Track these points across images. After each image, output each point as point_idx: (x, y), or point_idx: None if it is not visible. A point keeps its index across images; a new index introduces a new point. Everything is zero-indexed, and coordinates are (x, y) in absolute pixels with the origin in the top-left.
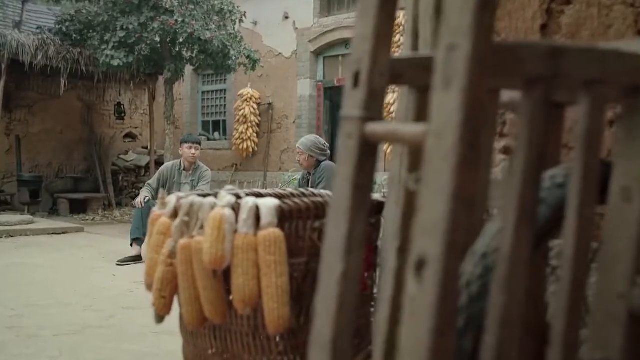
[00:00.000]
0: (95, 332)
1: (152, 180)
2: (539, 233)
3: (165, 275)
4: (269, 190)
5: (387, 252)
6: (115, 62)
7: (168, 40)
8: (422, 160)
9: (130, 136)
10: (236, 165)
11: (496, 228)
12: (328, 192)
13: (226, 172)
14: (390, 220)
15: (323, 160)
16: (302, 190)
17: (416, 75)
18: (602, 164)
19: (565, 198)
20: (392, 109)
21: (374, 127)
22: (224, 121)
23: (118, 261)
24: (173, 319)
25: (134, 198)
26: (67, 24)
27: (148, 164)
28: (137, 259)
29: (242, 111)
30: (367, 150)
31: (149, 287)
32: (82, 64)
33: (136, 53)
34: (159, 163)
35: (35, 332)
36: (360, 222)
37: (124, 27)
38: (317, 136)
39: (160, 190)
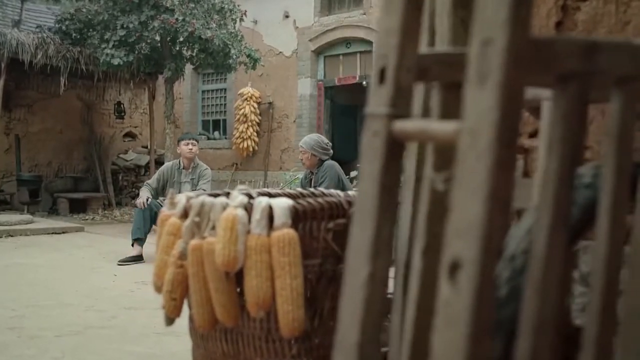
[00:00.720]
0: (97, 332)
1: (152, 180)
2: (569, 234)
3: (175, 277)
4: (280, 190)
5: (403, 253)
6: (116, 61)
7: (168, 39)
8: (453, 159)
9: (129, 135)
10: (236, 164)
11: (524, 230)
12: (337, 191)
13: (226, 172)
14: (406, 220)
15: (326, 160)
16: (313, 190)
17: (442, 71)
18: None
19: (593, 199)
20: None
21: (402, 125)
22: (224, 120)
23: (119, 261)
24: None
25: (133, 197)
26: (66, 22)
27: (148, 163)
28: (138, 259)
29: (243, 110)
30: (395, 149)
31: (158, 288)
32: (82, 63)
33: (136, 52)
34: (158, 162)
35: (37, 332)
36: (388, 223)
37: (124, 26)
38: (320, 135)
39: (170, 190)
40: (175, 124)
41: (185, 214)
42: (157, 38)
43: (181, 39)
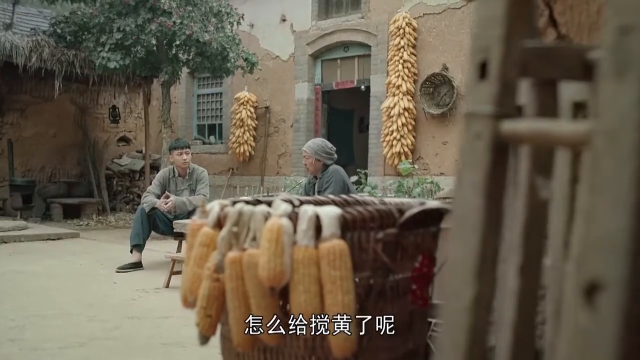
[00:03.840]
0: (102, 344)
1: (153, 187)
2: None
3: (211, 292)
4: (326, 197)
5: None
6: (112, 65)
7: (165, 42)
8: (583, 163)
9: (124, 140)
10: (232, 169)
11: None
12: (386, 198)
13: (222, 177)
14: None
15: (330, 164)
16: (365, 197)
17: (542, 67)
18: None
19: None
20: (392, 113)
21: (513, 126)
22: (220, 125)
23: (118, 268)
24: (181, 328)
25: (128, 203)
26: (61, 25)
27: (143, 168)
28: (137, 266)
29: (239, 115)
30: (501, 153)
31: (190, 304)
32: (77, 66)
33: (132, 55)
34: (154, 167)
35: (39, 344)
36: (495, 237)
37: (121, 29)
38: (324, 140)
39: (202, 197)
40: (171, 128)
41: (218, 224)
42: (153, 41)
43: (178, 42)
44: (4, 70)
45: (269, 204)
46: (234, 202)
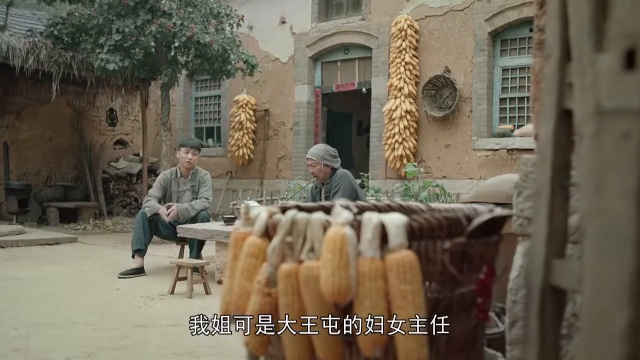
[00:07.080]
0: (109, 354)
1: (154, 190)
2: None
3: (262, 308)
4: (369, 204)
5: (535, 279)
6: (111, 66)
7: (164, 44)
8: None
9: (120, 143)
10: (231, 172)
11: None
12: (455, 205)
13: (221, 180)
14: (539, 240)
15: (337, 168)
16: (409, 203)
17: None
18: None
19: None
20: (394, 115)
21: None
22: (218, 128)
23: (120, 274)
24: (191, 337)
25: (125, 206)
26: (58, 27)
27: (140, 171)
28: (139, 271)
29: (238, 117)
30: None
31: (236, 320)
32: (75, 68)
33: (131, 57)
34: (151, 171)
35: (45, 354)
36: None
37: (120, 30)
38: (325, 144)
39: (244, 204)
40: (170, 131)
41: (267, 233)
42: (152, 43)
43: (177, 44)
44: None
45: (311, 210)
46: (284, 210)
